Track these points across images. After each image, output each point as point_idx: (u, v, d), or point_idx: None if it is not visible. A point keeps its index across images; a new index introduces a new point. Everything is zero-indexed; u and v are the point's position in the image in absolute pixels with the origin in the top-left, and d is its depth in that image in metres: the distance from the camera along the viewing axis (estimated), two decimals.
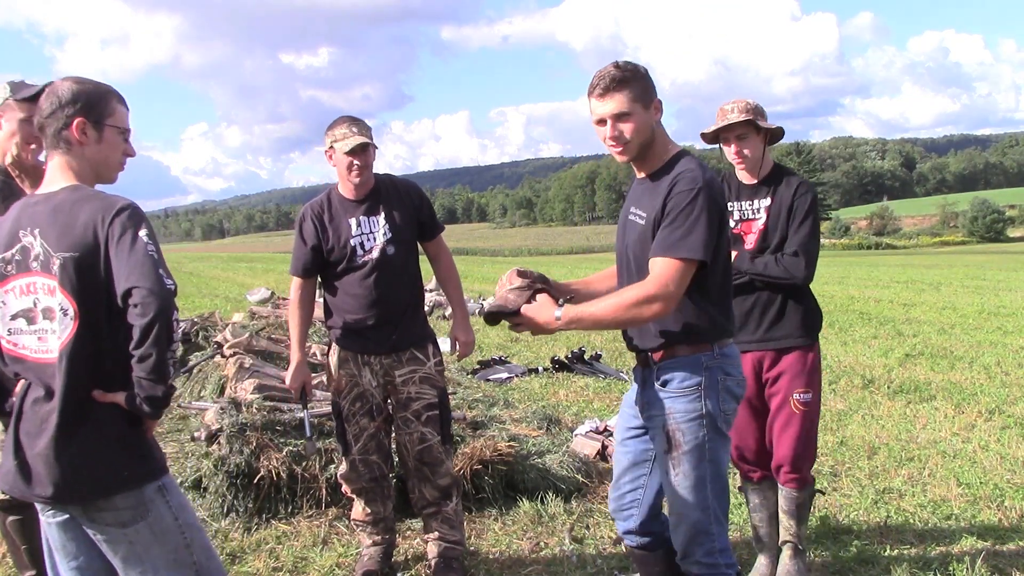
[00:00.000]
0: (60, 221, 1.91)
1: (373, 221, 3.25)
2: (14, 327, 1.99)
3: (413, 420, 3.27)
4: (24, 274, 1.95)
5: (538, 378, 7.53)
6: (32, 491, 1.97)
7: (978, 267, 27.01)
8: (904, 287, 18.03)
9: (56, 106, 2.00)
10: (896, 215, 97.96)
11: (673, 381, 2.39)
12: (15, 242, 1.96)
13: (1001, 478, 4.55)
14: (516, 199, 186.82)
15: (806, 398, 3.13)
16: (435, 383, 3.32)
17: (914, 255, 49.97)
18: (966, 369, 7.83)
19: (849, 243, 74.22)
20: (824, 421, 5.96)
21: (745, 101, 3.12)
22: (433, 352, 3.35)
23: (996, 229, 78.16)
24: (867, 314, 12.53)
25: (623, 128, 2.34)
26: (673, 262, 2.26)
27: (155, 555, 2.02)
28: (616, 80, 2.31)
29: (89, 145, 2.03)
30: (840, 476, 4.68)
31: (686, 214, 2.26)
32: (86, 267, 1.89)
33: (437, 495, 3.36)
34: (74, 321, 1.91)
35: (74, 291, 1.90)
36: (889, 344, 9.48)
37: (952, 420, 5.87)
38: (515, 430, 4.86)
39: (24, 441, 1.96)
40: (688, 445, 2.37)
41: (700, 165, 2.36)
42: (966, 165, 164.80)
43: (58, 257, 1.90)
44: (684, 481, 2.38)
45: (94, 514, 1.98)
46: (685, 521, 2.41)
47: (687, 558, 2.45)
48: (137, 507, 1.99)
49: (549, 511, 4.06)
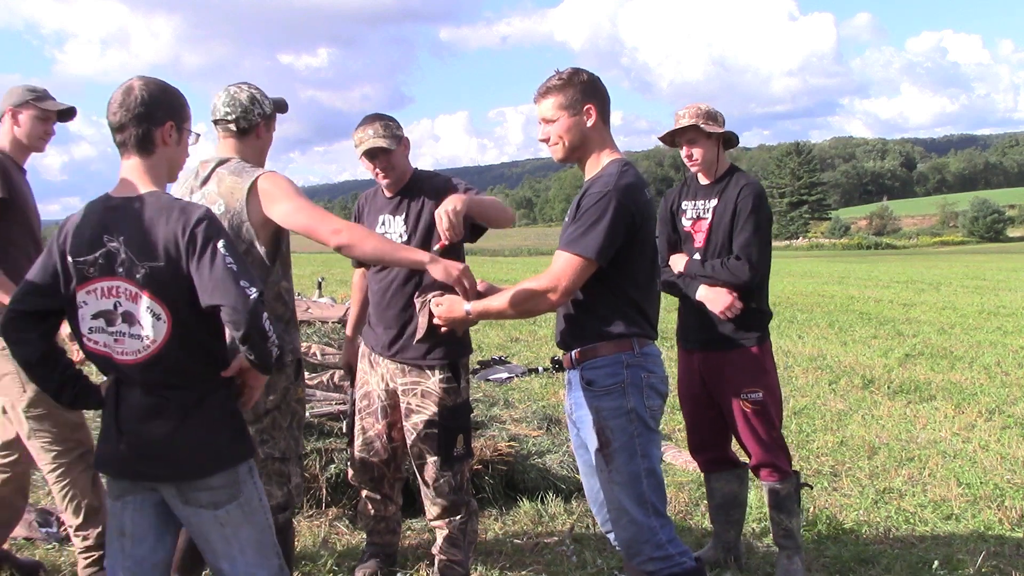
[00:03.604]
0: (144, 231, 1.98)
1: (396, 221, 3.16)
2: (94, 326, 2.05)
3: (412, 432, 3.15)
4: (107, 278, 2.01)
5: (538, 378, 7.54)
6: (136, 471, 2.07)
7: (978, 267, 27.01)
8: (904, 287, 18.04)
9: (145, 108, 2.03)
10: (896, 215, 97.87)
11: (597, 380, 2.47)
12: (99, 246, 2.01)
13: (1001, 478, 4.55)
14: (516, 199, 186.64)
15: (755, 397, 3.19)
16: (438, 399, 3.10)
17: (914, 255, 49.98)
18: (966, 369, 7.83)
19: (849, 243, 74.15)
20: (824, 421, 5.96)
21: (697, 106, 3.25)
22: (442, 369, 3.12)
23: (996, 229, 78.09)
24: (867, 314, 12.54)
25: (549, 131, 2.51)
26: (570, 257, 2.38)
27: (243, 536, 2.10)
28: (547, 87, 2.49)
29: (171, 148, 2.10)
30: (840, 476, 4.69)
31: (590, 215, 2.38)
32: (169, 276, 1.97)
33: (438, 512, 3.20)
34: (167, 324, 1.99)
35: (163, 297, 1.98)
36: (889, 344, 9.48)
37: (952, 420, 5.87)
38: (515, 430, 4.86)
39: (127, 427, 2.05)
40: (619, 442, 2.43)
41: (622, 172, 2.43)
42: (966, 165, 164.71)
43: (143, 266, 1.98)
44: (619, 477, 2.43)
45: (189, 495, 2.06)
46: (625, 517, 2.44)
47: (636, 556, 2.44)
48: (231, 486, 2.08)
49: (549, 511, 4.06)
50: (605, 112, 2.53)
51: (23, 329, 2.06)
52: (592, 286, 2.44)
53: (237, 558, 2.11)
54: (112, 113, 2.04)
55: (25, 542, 3.70)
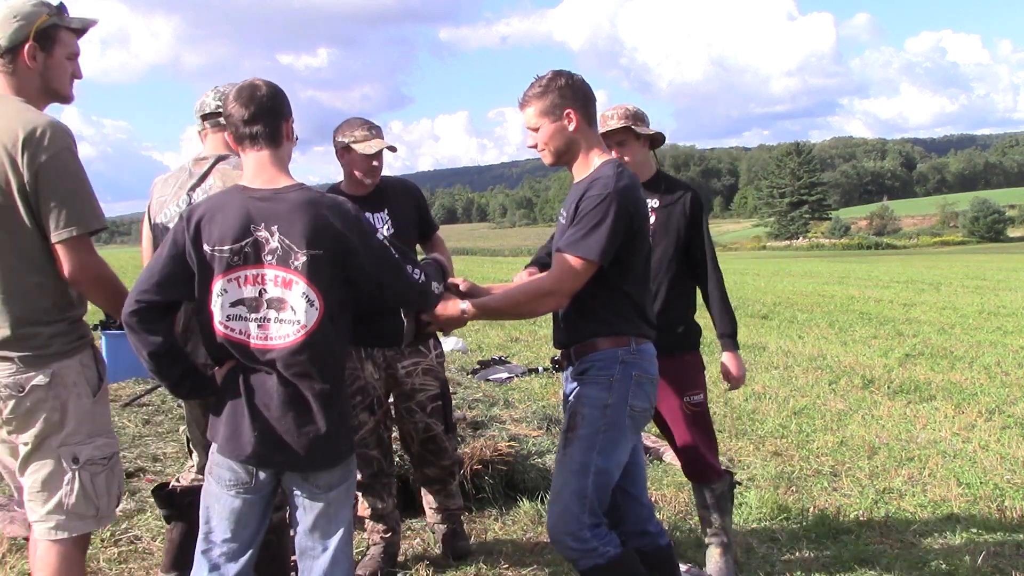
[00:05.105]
0: (303, 221, 2.09)
1: (377, 218, 3.32)
2: (233, 313, 2.13)
3: (417, 411, 3.38)
4: (253, 266, 2.11)
5: (538, 378, 7.53)
6: (269, 459, 2.16)
7: (978, 267, 27.01)
8: (904, 287, 18.04)
9: (273, 104, 2.19)
10: (896, 215, 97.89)
11: (589, 370, 2.50)
12: (247, 235, 2.10)
13: (1001, 478, 4.55)
14: (516, 199, 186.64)
15: (697, 399, 3.24)
16: (437, 375, 3.43)
17: (914, 255, 49.99)
18: (966, 369, 7.83)
19: (849, 243, 74.19)
20: (824, 421, 5.97)
21: (625, 107, 3.25)
22: (434, 344, 3.46)
23: (996, 229, 78.10)
24: (867, 314, 12.54)
25: (535, 138, 2.54)
26: (572, 259, 2.40)
27: (342, 518, 2.25)
28: (527, 96, 2.52)
29: (291, 141, 2.27)
30: (840, 476, 4.69)
31: (592, 217, 2.39)
32: (327, 263, 2.10)
33: (441, 474, 3.51)
34: (319, 310, 2.11)
35: (319, 283, 2.10)
36: (889, 344, 9.48)
37: (952, 420, 5.87)
38: (515, 430, 4.86)
39: (264, 415, 2.13)
40: (583, 430, 2.46)
41: (619, 173, 2.45)
42: (966, 165, 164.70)
43: (304, 254, 2.08)
44: (570, 463, 2.47)
45: (310, 475, 2.19)
46: (559, 501, 2.48)
47: (557, 541, 2.49)
48: (344, 472, 2.25)
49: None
50: (588, 113, 2.53)
51: (154, 320, 2.13)
52: (590, 285, 2.45)
53: (333, 537, 2.23)
54: (242, 107, 2.15)
55: (25, 542, 3.70)
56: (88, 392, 2.30)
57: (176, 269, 2.13)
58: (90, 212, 2.22)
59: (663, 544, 2.66)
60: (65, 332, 2.28)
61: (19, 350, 2.22)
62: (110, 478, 2.35)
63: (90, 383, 2.31)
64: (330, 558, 2.23)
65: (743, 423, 5.95)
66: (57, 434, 2.25)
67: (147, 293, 2.12)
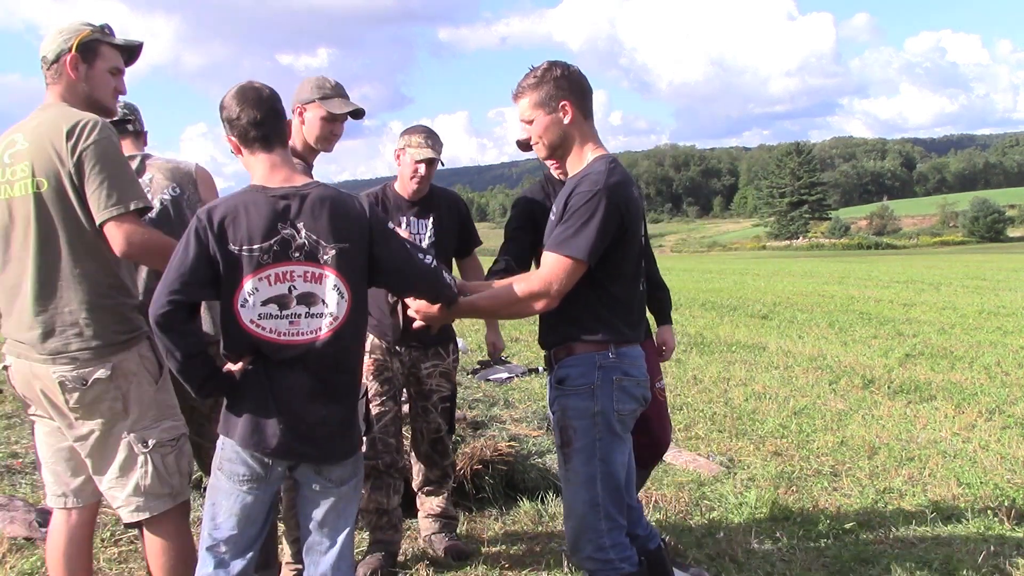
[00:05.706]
0: (327, 216, 2.17)
1: (422, 224, 3.48)
2: (265, 312, 2.15)
3: (432, 410, 3.55)
4: (282, 263, 2.15)
5: (538, 378, 7.53)
6: (292, 450, 2.18)
7: (978, 267, 27.01)
8: (904, 287, 18.04)
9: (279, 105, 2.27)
10: (896, 215, 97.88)
11: (568, 379, 2.44)
12: (274, 234, 2.14)
13: (1001, 478, 4.55)
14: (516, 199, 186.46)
15: (661, 385, 3.40)
16: (451, 378, 3.61)
17: (914, 255, 49.99)
18: (966, 369, 7.84)
19: (849, 243, 74.18)
20: (824, 421, 5.97)
21: None
22: (452, 349, 3.62)
23: (996, 229, 78.08)
24: (867, 314, 12.55)
25: (530, 131, 2.49)
26: (560, 259, 2.34)
27: (349, 513, 2.30)
28: (521, 87, 2.46)
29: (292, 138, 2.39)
30: (840, 476, 4.69)
31: (580, 215, 2.31)
32: (354, 255, 2.19)
33: (440, 475, 3.65)
34: (348, 301, 2.18)
35: (347, 275, 2.18)
36: (889, 344, 9.48)
37: (952, 420, 5.87)
38: (515, 430, 4.87)
39: (287, 408, 2.16)
40: (580, 443, 2.42)
41: (610, 169, 2.36)
42: (966, 165, 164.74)
43: (333, 248, 2.16)
44: (575, 477, 2.44)
45: (324, 468, 2.24)
46: (573, 515, 2.46)
47: (577, 553, 2.49)
48: (355, 468, 2.31)
49: (549, 511, 4.07)
50: (584, 106, 2.44)
51: (186, 320, 2.14)
52: (575, 285, 2.36)
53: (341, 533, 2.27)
54: (252, 110, 2.21)
55: (25, 542, 3.70)
56: (150, 380, 2.43)
57: (203, 269, 2.13)
58: (133, 192, 2.32)
59: (652, 548, 2.65)
60: (120, 322, 2.38)
61: (79, 347, 2.32)
62: (179, 458, 2.49)
63: (151, 371, 2.43)
64: (337, 553, 2.27)
65: (743, 423, 5.95)
66: (123, 421, 2.39)
67: (178, 293, 2.10)
